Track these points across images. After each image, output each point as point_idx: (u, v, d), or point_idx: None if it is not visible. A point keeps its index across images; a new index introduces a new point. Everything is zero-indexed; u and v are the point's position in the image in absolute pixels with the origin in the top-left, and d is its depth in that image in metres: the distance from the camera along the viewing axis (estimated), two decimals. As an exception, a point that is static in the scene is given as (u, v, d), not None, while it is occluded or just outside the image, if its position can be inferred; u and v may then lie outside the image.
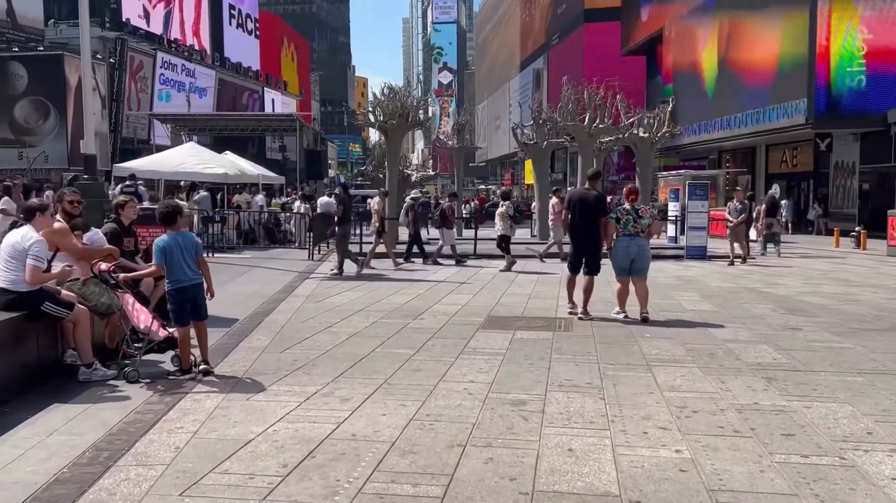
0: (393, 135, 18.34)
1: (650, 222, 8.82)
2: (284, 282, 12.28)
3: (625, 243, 8.58)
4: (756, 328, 8.17)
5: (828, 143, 29.34)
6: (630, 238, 8.57)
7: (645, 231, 8.68)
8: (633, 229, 8.57)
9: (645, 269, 8.75)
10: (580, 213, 8.85)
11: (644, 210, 8.83)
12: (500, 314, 9.09)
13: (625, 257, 8.59)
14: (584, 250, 8.95)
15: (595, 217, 8.76)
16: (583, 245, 8.96)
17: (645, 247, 8.70)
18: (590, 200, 8.85)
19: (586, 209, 8.81)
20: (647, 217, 8.75)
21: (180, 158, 20.49)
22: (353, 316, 8.87)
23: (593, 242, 8.87)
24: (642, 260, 8.65)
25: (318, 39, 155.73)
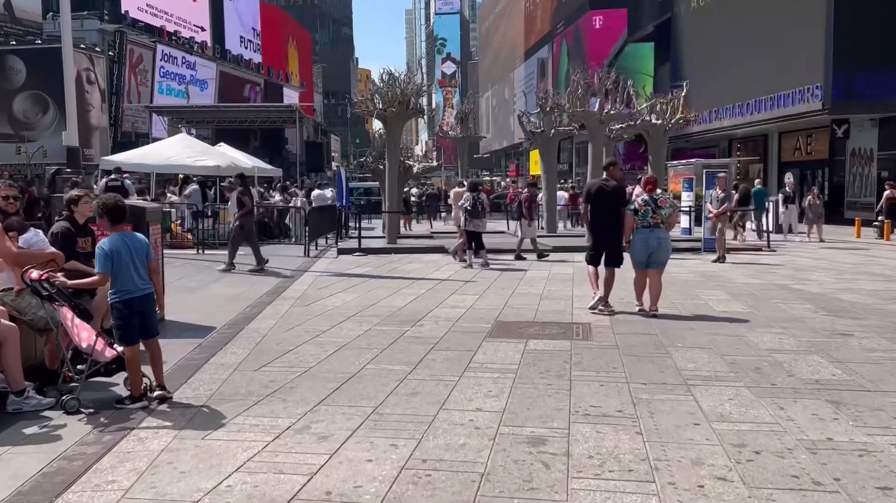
0: (392, 123, 17.35)
1: (670, 212, 8.37)
2: (275, 282, 11.35)
3: (644, 235, 8.22)
4: (800, 334, 7.19)
5: (845, 130, 28.25)
6: (649, 230, 8.19)
7: (665, 222, 8.26)
8: (652, 220, 8.18)
9: (664, 263, 8.39)
10: (597, 204, 8.56)
11: (663, 200, 8.42)
12: (510, 319, 8.13)
13: (643, 249, 8.25)
14: (604, 242, 8.62)
15: (613, 208, 8.43)
16: (602, 237, 8.63)
17: (665, 239, 8.29)
18: (607, 191, 8.52)
19: (604, 200, 8.50)
20: (667, 207, 8.33)
21: (171, 151, 19.54)
22: (344, 322, 7.92)
23: (612, 234, 8.48)
24: (661, 252, 8.26)
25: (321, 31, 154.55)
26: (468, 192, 14.10)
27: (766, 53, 30.28)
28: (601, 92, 18.27)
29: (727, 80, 33.76)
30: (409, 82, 17.23)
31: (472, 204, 13.68)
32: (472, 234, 13.73)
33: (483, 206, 13.74)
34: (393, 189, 17.89)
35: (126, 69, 41.64)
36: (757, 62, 31.15)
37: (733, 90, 33.20)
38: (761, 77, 30.82)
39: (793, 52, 28.27)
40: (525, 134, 23.49)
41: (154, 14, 47.25)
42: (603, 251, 8.62)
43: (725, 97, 33.85)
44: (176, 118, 35.54)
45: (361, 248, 16.49)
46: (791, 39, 28.36)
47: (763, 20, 30.53)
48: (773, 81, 29.92)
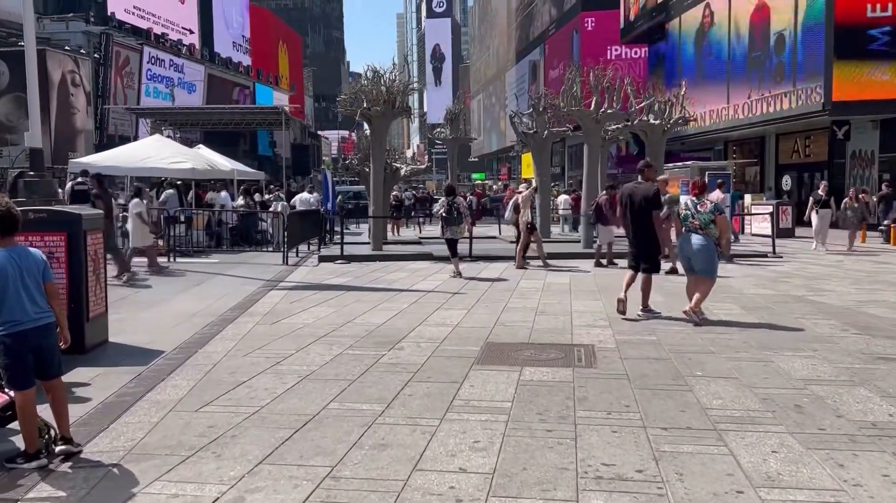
0: (377, 123, 16.37)
1: (711, 217, 7.92)
2: (244, 295, 10.34)
3: (683, 240, 8.11)
4: (834, 358, 6.26)
5: (845, 131, 27.47)
6: (689, 235, 8.00)
7: (705, 227, 7.90)
8: (691, 225, 7.97)
9: (705, 271, 7.99)
10: (630, 207, 8.39)
11: (704, 204, 8.03)
12: (501, 339, 7.17)
13: (682, 255, 8.16)
14: (637, 247, 8.45)
15: (645, 211, 8.21)
16: (635, 241, 8.46)
17: (702, 245, 7.90)
18: (639, 194, 8.32)
19: (636, 203, 8.32)
20: (707, 212, 7.93)
21: (144, 153, 18.52)
22: (313, 345, 6.93)
23: (645, 238, 8.31)
24: (699, 259, 7.95)
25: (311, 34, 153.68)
26: (443, 197, 13.18)
27: (763, 53, 29.52)
28: (597, 90, 17.34)
29: (723, 81, 32.99)
30: (394, 80, 16.25)
31: (447, 209, 12.70)
32: (448, 242, 12.77)
33: (459, 212, 12.72)
34: (378, 192, 16.92)
35: (112, 71, 40.72)
36: (754, 62, 30.39)
37: (730, 91, 32.44)
38: (759, 77, 30.06)
39: (792, 51, 27.51)
40: (517, 135, 22.58)
41: (141, 16, 46.32)
42: (639, 256, 8.41)
43: (721, 98, 33.07)
44: (159, 120, 34.60)
45: (344, 255, 15.51)
46: (790, 38, 27.60)
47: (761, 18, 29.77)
48: (771, 81, 29.17)
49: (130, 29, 44.48)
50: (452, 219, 12.65)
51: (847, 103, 25.07)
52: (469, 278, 12.36)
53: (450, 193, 13.17)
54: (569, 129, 21.24)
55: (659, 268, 8.63)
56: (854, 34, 24.61)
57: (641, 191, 8.37)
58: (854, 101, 24.99)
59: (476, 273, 13.17)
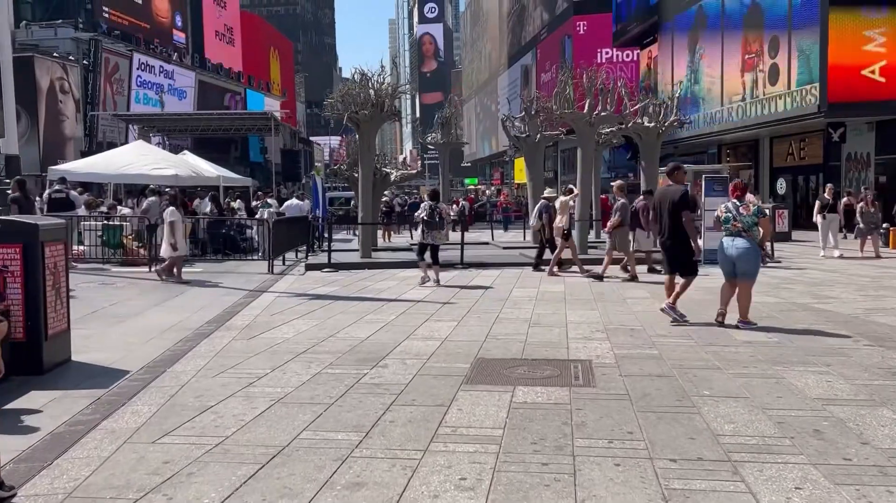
0: (366, 126, 15.92)
1: (754, 220, 7.78)
2: (224, 307, 9.87)
3: (724, 243, 7.96)
4: (850, 373, 5.83)
5: (841, 133, 27.17)
6: (731, 238, 7.86)
7: (748, 230, 7.76)
8: (733, 227, 7.83)
9: (748, 273, 7.89)
10: (661, 210, 8.38)
11: (746, 207, 7.86)
12: (492, 354, 6.71)
13: (723, 258, 8.01)
14: (670, 251, 8.41)
15: (674, 212, 8.14)
16: (669, 245, 8.41)
17: (745, 248, 7.78)
18: (669, 196, 8.28)
19: (667, 206, 8.27)
20: (751, 214, 7.79)
21: (126, 159, 18.04)
22: (290, 362, 6.46)
23: (678, 241, 8.24)
24: (742, 262, 7.81)
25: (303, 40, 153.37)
26: (425, 202, 12.73)
27: (757, 54, 29.24)
28: (590, 92, 16.93)
29: (717, 84, 32.71)
30: (383, 83, 15.81)
31: (428, 214, 12.21)
32: (425, 247, 12.32)
33: (441, 217, 12.25)
34: (367, 198, 16.46)
35: (101, 78, 40.32)
36: (748, 63, 30.10)
37: (723, 93, 32.17)
38: (753, 80, 29.78)
39: (786, 53, 27.22)
40: (509, 139, 22.17)
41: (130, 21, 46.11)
42: (674, 261, 8.40)
43: (715, 101, 32.78)
44: (147, 127, 34.19)
45: (331, 263, 15.04)
46: (784, 40, 27.32)
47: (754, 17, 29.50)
48: (765, 84, 28.88)
49: (120, 35, 44.05)
50: (434, 223, 12.15)
51: (843, 105, 24.79)
52: (460, 286, 11.91)
53: (433, 198, 12.69)
54: (562, 133, 20.85)
55: (696, 270, 8.52)
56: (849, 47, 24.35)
57: (670, 194, 8.31)
58: (850, 103, 24.70)
59: (467, 281, 12.72)
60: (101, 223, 16.03)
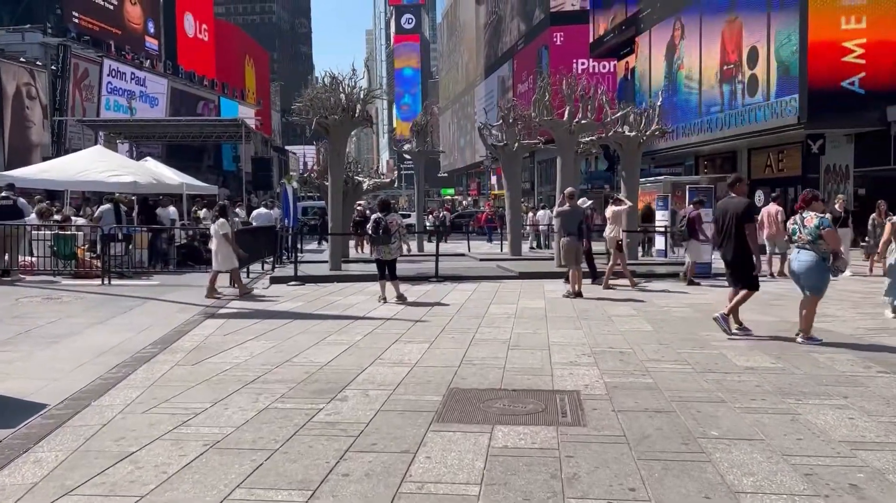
0: (335, 132, 15.11)
1: (817, 232, 7.50)
2: (174, 325, 9.00)
3: (790, 256, 7.94)
4: (871, 407, 5.16)
5: (820, 145, 26.91)
6: (797, 251, 7.74)
7: (814, 242, 7.52)
8: (799, 240, 7.68)
9: (812, 287, 7.69)
10: (722, 222, 8.20)
11: (809, 219, 7.62)
12: (468, 383, 5.95)
13: (790, 271, 8.00)
14: (731, 263, 8.26)
15: (737, 225, 7.94)
16: (730, 259, 8.24)
17: (806, 261, 7.59)
18: (730, 208, 8.12)
19: (727, 217, 8.10)
20: (814, 226, 7.53)
21: (82, 165, 17.04)
22: (236, 393, 5.64)
23: (738, 253, 8.04)
24: (803, 276, 7.68)
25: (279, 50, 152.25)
26: (375, 213, 11.92)
27: (736, 65, 28.98)
28: (570, 99, 16.31)
29: (694, 95, 32.43)
30: (354, 86, 15.05)
31: (373, 227, 11.35)
32: (379, 263, 11.45)
33: (387, 230, 11.25)
34: (337, 207, 15.64)
35: (70, 84, 39.19)
36: (726, 75, 29.83)
37: (701, 104, 31.89)
38: (731, 91, 29.51)
39: (765, 64, 26.97)
40: (487, 148, 21.50)
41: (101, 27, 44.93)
42: (735, 274, 8.22)
43: (693, 112, 32.49)
44: (113, 133, 33.09)
45: (298, 276, 14.20)
46: (763, 51, 27.07)
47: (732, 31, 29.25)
48: (744, 95, 28.61)
49: (90, 41, 42.87)
50: (379, 238, 11.25)
51: (822, 116, 24.50)
52: (433, 303, 11.14)
53: (383, 209, 11.66)
54: (540, 142, 20.22)
55: (757, 285, 8.18)
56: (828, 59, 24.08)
57: (733, 206, 8.10)
58: (829, 114, 24.43)
59: (442, 296, 11.96)
60: (52, 233, 15.04)
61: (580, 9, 49.74)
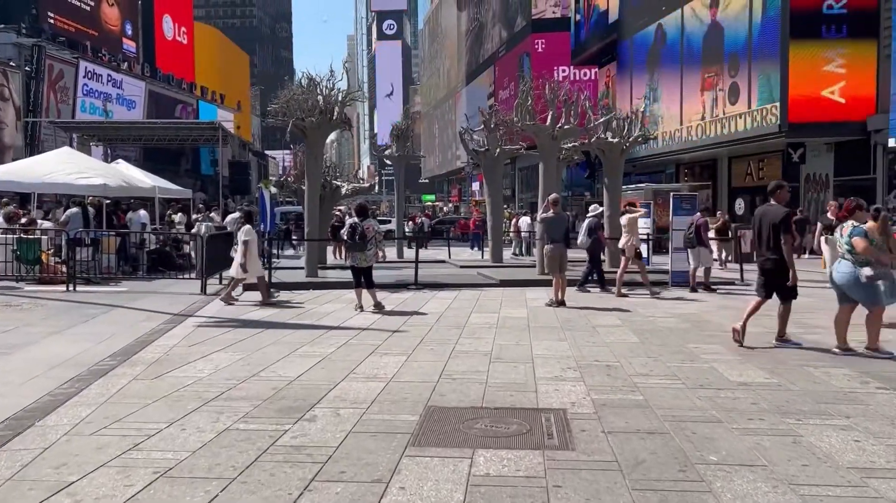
0: (312, 135, 14.68)
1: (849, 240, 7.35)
2: (138, 335, 8.53)
3: (832, 266, 7.76)
4: (876, 428, 4.84)
5: (800, 154, 26.93)
6: (838, 261, 7.62)
7: (852, 252, 7.34)
8: (839, 250, 7.57)
9: (859, 299, 7.50)
10: (760, 230, 7.97)
11: (846, 229, 7.49)
12: (447, 401, 5.56)
13: (832, 282, 7.73)
14: (766, 273, 7.97)
15: (774, 234, 7.72)
16: (765, 267, 7.99)
17: (845, 272, 7.43)
18: (767, 216, 7.88)
19: (764, 225, 7.87)
20: (847, 235, 7.39)
21: (49, 167, 16.41)
22: (195, 412, 5.21)
23: (774, 263, 7.80)
24: (846, 288, 7.49)
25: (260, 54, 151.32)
26: (351, 219, 11.55)
27: (718, 74, 28.95)
28: (553, 104, 16.02)
29: (675, 102, 32.39)
30: (332, 88, 14.64)
31: (349, 234, 10.94)
32: (355, 271, 11.06)
33: (364, 237, 10.84)
34: (314, 212, 15.20)
35: (45, 85, 38.32)
36: (708, 82, 29.80)
37: (682, 112, 31.86)
38: (713, 98, 29.48)
39: (747, 73, 26.94)
40: (468, 153, 21.18)
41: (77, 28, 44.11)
42: (770, 284, 7.95)
43: (674, 120, 32.45)
44: (87, 136, 32.39)
45: (272, 282, 13.72)
46: (744, 60, 27.05)
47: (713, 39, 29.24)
48: (725, 104, 28.58)
49: (65, 42, 42.03)
50: (355, 244, 10.83)
51: (803, 125, 24.50)
52: (412, 311, 10.75)
53: (360, 214, 11.23)
54: (522, 147, 19.92)
55: (795, 294, 7.92)
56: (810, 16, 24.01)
57: (771, 214, 7.87)
58: (810, 123, 24.43)
59: (421, 304, 11.56)
60: (15, 237, 14.45)
61: (561, 16, 49.72)
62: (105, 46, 47.70)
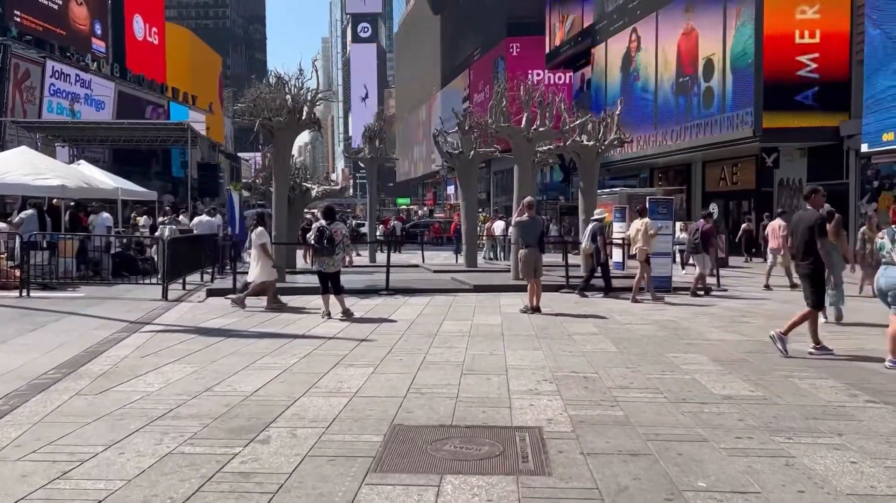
0: (280, 135, 14.21)
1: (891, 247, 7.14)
2: (89, 344, 8.02)
3: (878, 272, 7.42)
4: (871, 447, 4.53)
5: (774, 159, 26.97)
6: (883, 267, 7.32)
7: None
8: (885, 255, 7.28)
9: None
10: (796, 236, 7.87)
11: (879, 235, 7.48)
12: (414, 418, 5.16)
13: (877, 288, 7.40)
14: (803, 278, 7.89)
15: (810, 239, 7.60)
16: (800, 271, 7.94)
17: (889, 277, 7.12)
18: (803, 221, 7.80)
19: (801, 231, 7.77)
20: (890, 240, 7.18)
21: (4, 167, 15.75)
22: (138, 434, 4.75)
23: (811, 269, 7.68)
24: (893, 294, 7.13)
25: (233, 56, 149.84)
26: (318, 221, 11.18)
27: (692, 77, 28.95)
28: (528, 106, 15.72)
29: (649, 107, 32.36)
30: (301, 87, 14.19)
31: (316, 237, 10.53)
32: (322, 276, 10.64)
33: (332, 240, 10.44)
34: (282, 215, 14.71)
35: (10, 85, 37.25)
36: (682, 87, 29.80)
37: (657, 117, 31.84)
38: (687, 103, 29.47)
39: (721, 77, 26.94)
40: (441, 155, 20.79)
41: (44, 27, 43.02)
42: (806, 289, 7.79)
43: (648, 124, 32.40)
44: (52, 136, 31.54)
45: (237, 288, 13.20)
46: (719, 64, 27.05)
47: (689, 46, 29.24)
48: (700, 108, 28.57)
49: (32, 41, 40.95)
50: (322, 248, 10.42)
51: (777, 130, 24.51)
52: (382, 319, 10.34)
53: (327, 217, 10.84)
54: (497, 150, 19.61)
55: (822, 303, 7.89)
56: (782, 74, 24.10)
57: (805, 219, 7.78)
58: (784, 128, 24.44)
59: (391, 311, 11.15)
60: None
61: (537, 21, 49.67)
62: (73, 46, 46.63)
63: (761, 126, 24.59)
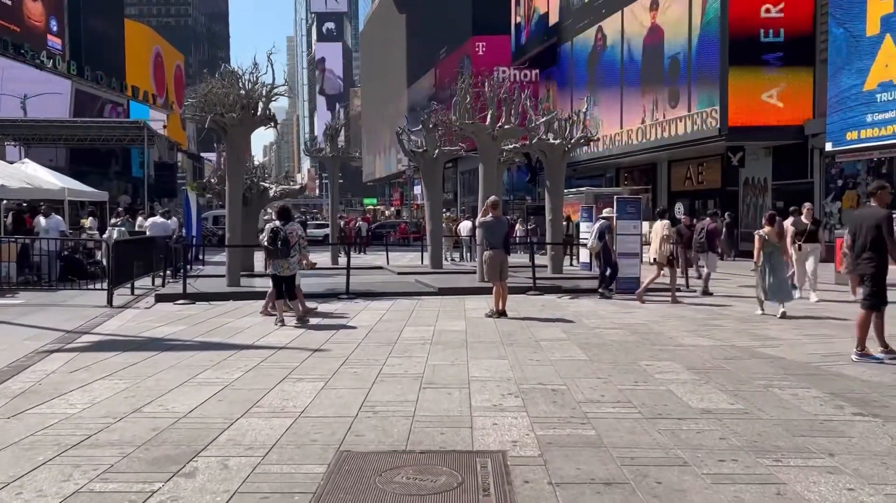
0: (233, 132, 13.53)
1: None
2: (13, 358, 7.35)
3: None
4: (867, 470, 4.12)
5: (740, 158, 26.95)
6: None
7: None
8: None
9: None
10: (858, 235, 7.38)
11: None
12: (365, 442, 4.62)
13: None
14: (864, 279, 7.37)
15: (874, 239, 7.16)
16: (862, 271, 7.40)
17: None
18: (865, 218, 7.37)
19: (863, 230, 7.30)
20: None
21: (-61, 166, 14.82)
22: (45, 466, 4.14)
23: (874, 269, 7.23)
24: None
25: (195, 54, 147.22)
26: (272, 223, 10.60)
27: (658, 76, 28.83)
28: (493, 103, 15.26)
29: (616, 106, 32.21)
30: (255, 81, 13.54)
31: (270, 239, 9.94)
32: (276, 279, 10.06)
33: (287, 242, 9.86)
34: (236, 216, 14.03)
35: (-36, 83, 35.90)
36: (648, 86, 29.67)
37: (623, 115, 31.70)
38: (653, 102, 29.35)
39: (687, 76, 26.83)
40: (405, 154, 20.24)
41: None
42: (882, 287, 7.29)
43: (614, 123, 32.24)
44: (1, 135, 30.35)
45: (188, 293, 12.52)
46: (685, 63, 26.95)
47: (654, 43, 29.11)
48: (665, 107, 28.46)
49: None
50: (276, 251, 9.85)
51: (743, 129, 24.45)
52: (339, 325, 9.77)
53: (282, 217, 10.27)
54: (462, 149, 19.12)
55: (882, 302, 7.30)
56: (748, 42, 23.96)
57: (868, 216, 7.39)
58: (750, 127, 24.39)
59: (350, 317, 10.58)
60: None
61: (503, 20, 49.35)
62: (28, 43, 45.11)
63: (727, 125, 24.52)
